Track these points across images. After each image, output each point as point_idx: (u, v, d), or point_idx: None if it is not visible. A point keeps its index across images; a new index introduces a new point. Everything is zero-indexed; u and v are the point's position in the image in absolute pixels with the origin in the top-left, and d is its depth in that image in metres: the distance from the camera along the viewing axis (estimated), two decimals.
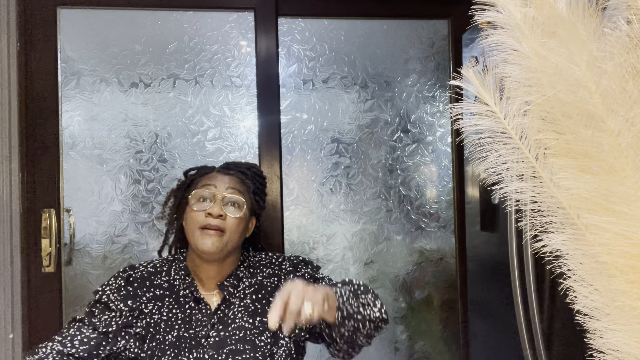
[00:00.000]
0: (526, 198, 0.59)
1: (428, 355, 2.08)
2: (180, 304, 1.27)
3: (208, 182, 1.30)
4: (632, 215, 0.53)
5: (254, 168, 1.42)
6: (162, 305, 1.26)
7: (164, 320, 1.24)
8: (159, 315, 1.25)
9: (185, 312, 1.26)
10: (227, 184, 1.30)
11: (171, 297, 1.28)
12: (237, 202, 1.29)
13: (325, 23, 2.04)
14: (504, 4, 0.55)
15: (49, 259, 1.80)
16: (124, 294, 1.26)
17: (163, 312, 1.25)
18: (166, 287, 1.29)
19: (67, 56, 1.90)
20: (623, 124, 0.52)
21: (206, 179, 1.32)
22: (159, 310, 1.25)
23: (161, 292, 1.28)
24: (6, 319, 1.74)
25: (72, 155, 1.90)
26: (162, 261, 1.35)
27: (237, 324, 1.26)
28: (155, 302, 1.26)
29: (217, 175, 1.33)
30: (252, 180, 1.37)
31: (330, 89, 2.04)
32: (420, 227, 2.08)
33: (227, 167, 1.37)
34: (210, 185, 1.29)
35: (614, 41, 0.52)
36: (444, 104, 2.10)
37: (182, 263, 1.33)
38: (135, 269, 1.32)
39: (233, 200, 1.28)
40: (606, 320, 0.57)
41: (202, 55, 1.97)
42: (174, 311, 1.26)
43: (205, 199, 1.28)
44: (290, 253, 2.03)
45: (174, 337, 1.22)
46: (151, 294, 1.27)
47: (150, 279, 1.30)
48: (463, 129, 0.60)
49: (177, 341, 1.22)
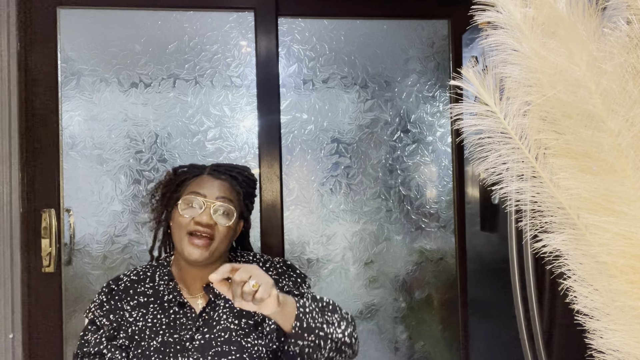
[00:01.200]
0: (526, 198, 0.59)
1: (428, 355, 2.08)
2: (165, 309, 1.26)
3: (198, 190, 1.27)
4: (632, 215, 0.53)
5: (245, 172, 1.39)
6: (146, 312, 1.26)
7: (149, 327, 1.24)
8: (143, 322, 1.24)
9: (169, 317, 1.25)
10: (218, 192, 1.27)
11: (155, 302, 1.27)
12: (227, 212, 1.27)
13: (325, 23, 2.04)
14: (504, 4, 0.55)
15: (49, 259, 1.80)
16: (106, 309, 1.26)
17: (147, 319, 1.25)
18: (150, 294, 1.29)
19: (67, 56, 1.90)
20: (623, 124, 0.52)
21: (196, 184, 1.29)
22: (144, 317, 1.25)
23: (145, 300, 1.27)
24: (6, 319, 1.74)
25: (72, 155, 1.90)
26: (145, 267, 1.35)
27: (223, 326, 1.25)
28: (140, 310, 1.26)
29: (207, 180, 1.30)
30: (242, 185, 1.34)
31: (330, 89, 2.04)
32: (420, 227, 2.08)
33: (218, 171, 1.33)
34: (200, 194, 1.26)
35: (614, 41, 0.52)
36: (444, 104, 2.10)
37: (165, 268, 1.33)
38: (118, 281, 1.32)
39: (223, 209, 1.26)
40: (606, 320, 0.57)
41: (202, 55, 1.97)
42: (158, 317, 1.25)
43: (194, 206, 1.25)
44: (290, 253, 2.03)
45: (158, 343, 1.22)
46: (135, 302, 1.27)
47: (133, 287, 1.30)
48: (463, 129, 0.60)
49: (161, 346, 1.22)
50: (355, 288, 2.05)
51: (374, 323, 2.06)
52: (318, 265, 2.03)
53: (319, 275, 2.03)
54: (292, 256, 2.01)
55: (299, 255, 2.02)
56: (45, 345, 1.82)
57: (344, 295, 2.04)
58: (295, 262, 2.01)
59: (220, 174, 1.32)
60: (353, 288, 2.05)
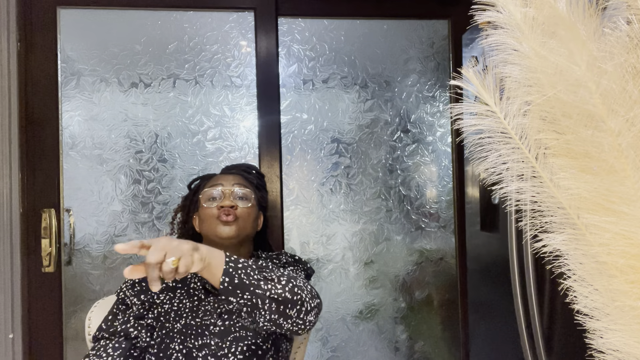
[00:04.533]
0: (526, 198, 0.59)
1: (428, 355, 2.08)
2: (190, 295, 1.34)
3: (214, 183, 1.41)
4: (632, 215, 0.53)
5: (254, 167, 1.57)
6: (173, 297, 1.33)
7: (174, 310, 1.31)
8: (169, 305, 1.32)
9: (193, 302, 1.32)
10: (233, 180, 1.41)
11: (183, 288, 1.35)
12: (245, 195, 1.39)
13: (325, 23, 2.04)
14: (504, 4, 0.55)
15: (49, 259, 1.80)
16: (137, 289, 1.34)
17: (174, 303, 1.32)
18: (179, 280, 1.36)
19: (67, 56, 1.90)
20: (623, 124, 0.52)
21: (211, 181, 1.42)
22: (170, 301, 1.33)
23: (173, 284, 1.36)
24: (6, 319, 1.73)
25: (72, 155, 1.90)
26: None
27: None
28: (168, 293, 1.34)
29: (221, 176, 1.44)
30: (254, 177, 1.50)
31: (330, 89, 2.04)
32: (420, 227, 2.08)
33: (229, 169, 1.52)
34: (217, 185, 1.39)
35: (614, 41, 0.52)
36: (444, 104, 2.09)
37: None
38: None
39: (241, 193, 1.39)
40: (606, 320, 0.57)
41: (202, 55, 1.97)
42: (184, 301, 1.33)
43: (215, 197, 1.38)
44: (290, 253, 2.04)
45: (181, 325, 1.29)
46: (164, 285, 1.35)
47: None
48: (463, 129, 0.60)
49: (183, 328, 1.28)
50: (355, 288, 2.05)
51: (374, 323, 2.06)
52: (318, 265, 2.03)
53: (319, 275, 2.03)
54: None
55: (299, 256, 2.02)
56: (45, 345, 1.82)
57: (344, 295, 2.04)
58: None
59: (231, 170, 1.51)
60: (353, 288, 2.05)
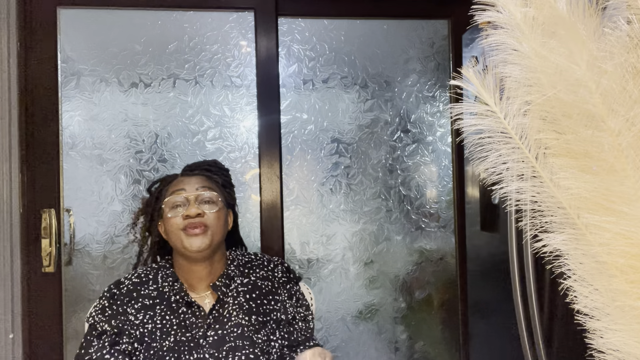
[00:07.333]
0: (526, 198, 0.59)
1: (428, 355, 2.08)
2: (173, 310, 1.27)
3: (177, 188, 1.31)
4: (632, 215, 0.53)
5: (217, 164, 1.45)
6: (153, 314, 1.26)
7: (159, 328, 1.24)
8: (152, 324, 1.25)
9: (179, 318, 1.26)
10: (196, 184, 1.31)
11: (162, 304, 1.28)
12: (211, 198, 1.30)
13: (325, 23, 2.04)
14: (504, 4, 0.55)
15: (49, 259, 1.80)
16: (108, 314, 1.26)
17: (156, 320, 1.25)
18: (155, 296, 1.29)
19: (67, 56, 1.90)
20: (623, 124, 0.52)
21: (173, 186, 1.33)
22: (152, 319, 1.25)
23: (150, 302, 1.28)
24: (6, 319, 1.73)
25: (72, 155, 1.90)
26: (146, 270, 1.35)
27: (234, 322, 1.27)
28: (146, 312, 1.26)
29: (182, 179, 1.34)
30: (217, 174, 1.39)
31: (330, 89, 2.04)
32: (420, 227, 2.08)
33: (190, 169, 1.40)
34: (180, 190, 1.29)
35: (614, 41, 0.52)
36: (444, 104, 2.09)
37: (168, 270, 1.34)
38: (120, 285, 1.31)
39: (207, 197, 1.29)
40: (606, 320, 0.57)
41: (202, 55, 1.97)
42: (167, 318, 1.26)
43: (179, 204, 1.28)
44: (289, 253, 2.03)
45: (171, 342, 1.23)
46: (139, 305, 1.27)
47: (136, 290, 1.30)
48: (463, 129, 0.60)
49: (175, 345, 1.22)
50: (355, 288, 2.05)
51: (374, 323, 2.06)
52: (318, 265, 2.03)
53: (319, 275, 2.03)
54: (291, 256, 2.01)
55: (299, 256, 2.02)
56: (45, 345, 1.82)
57: (344, 295, 2.04)
58: (296, 262, 2.01)
59: (192, 171, 1.39)
60: (353, 288, 2.05)
